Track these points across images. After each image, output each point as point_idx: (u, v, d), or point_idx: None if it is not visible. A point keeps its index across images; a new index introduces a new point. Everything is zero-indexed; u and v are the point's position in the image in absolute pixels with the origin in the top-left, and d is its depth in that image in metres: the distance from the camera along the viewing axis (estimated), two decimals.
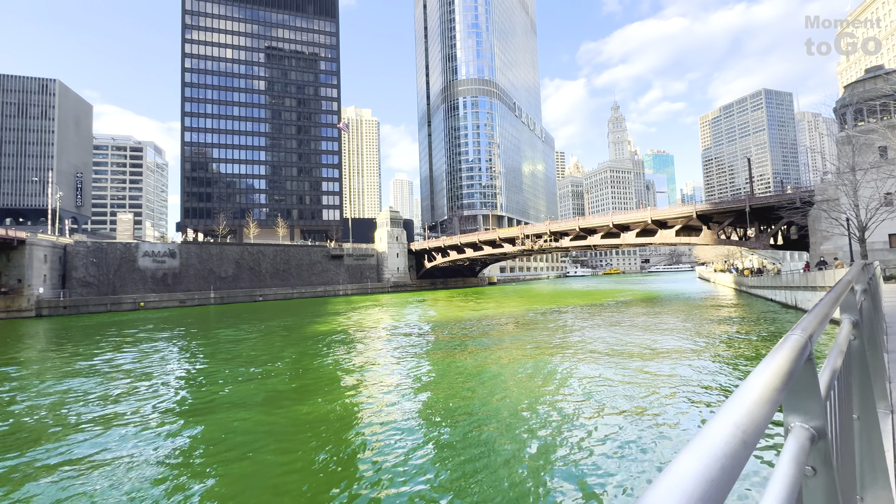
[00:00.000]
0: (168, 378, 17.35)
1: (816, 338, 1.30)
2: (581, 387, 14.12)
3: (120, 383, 16.43)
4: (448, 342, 24.54)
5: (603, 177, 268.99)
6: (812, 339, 1.21)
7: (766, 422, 0.73)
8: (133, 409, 13.02)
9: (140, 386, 15.93)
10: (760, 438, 0.70)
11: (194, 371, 18.82)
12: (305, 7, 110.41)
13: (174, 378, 17.41)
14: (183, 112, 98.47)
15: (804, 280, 27.55)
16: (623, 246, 63.82)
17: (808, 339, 1.17)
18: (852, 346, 2.19)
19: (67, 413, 12.94)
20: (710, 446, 0.61)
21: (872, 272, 9.24)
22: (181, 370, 19.10)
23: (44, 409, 13.55)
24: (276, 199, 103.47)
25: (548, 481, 8.12)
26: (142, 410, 12.95)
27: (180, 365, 20.31)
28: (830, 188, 34.86)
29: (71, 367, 20.10)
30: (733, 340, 21.07)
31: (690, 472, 0.54)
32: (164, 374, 17.96)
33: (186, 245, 66.07)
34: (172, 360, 21.32)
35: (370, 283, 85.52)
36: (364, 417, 12.06)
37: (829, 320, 1.63)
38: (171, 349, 24.90)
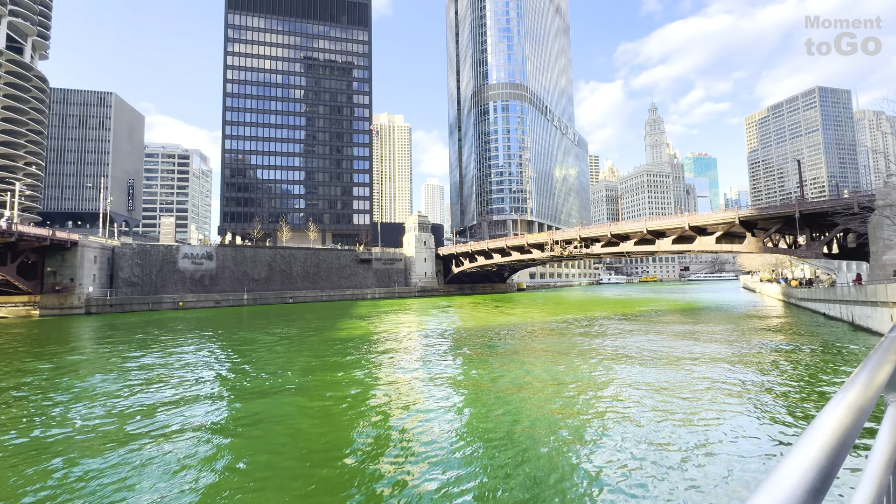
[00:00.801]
0: (186, 388, 17.65)
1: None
2: (603, 424, 13.11)
3: (141, 385, 16.86)
4: (471, 353, 23.86)
5: (639, 181, 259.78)
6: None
7: (874, 399, 0.95)
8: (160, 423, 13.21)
9: (167, 388, 16.28)
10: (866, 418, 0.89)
11: (216, 379, 19.10)
12: (340, 18, 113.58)
13: (193, 387, 17.70)
14: (224, 121, 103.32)
15: (862, 294, 24.92)
16: (658, 253, 60.82)
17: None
18: None
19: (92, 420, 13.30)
20: (829, 423, 0.80)
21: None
22: (205, 377, 19.45)
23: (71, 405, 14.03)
24: (309, 204, 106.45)
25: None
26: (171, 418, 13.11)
27: (203, 372, 20.71)
28: (894, 192, 31.59)
29: (107, 367, 20.96)
30: (783, 372, 19.21)
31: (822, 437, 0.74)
32: (187, 383, 18.31)
33: (222, 248, 68.81)
34: (199, 366, 21.81)
35: (398, 288, 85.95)
36: (389, 443, 11.62)
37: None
38: (202, 353, 25.57)
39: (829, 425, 0.80)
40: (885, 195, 33.14)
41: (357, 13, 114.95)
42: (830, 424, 0.81)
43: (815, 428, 0.78)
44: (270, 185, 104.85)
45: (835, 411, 0.86)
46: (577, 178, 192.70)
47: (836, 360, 18.29)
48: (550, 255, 73.17)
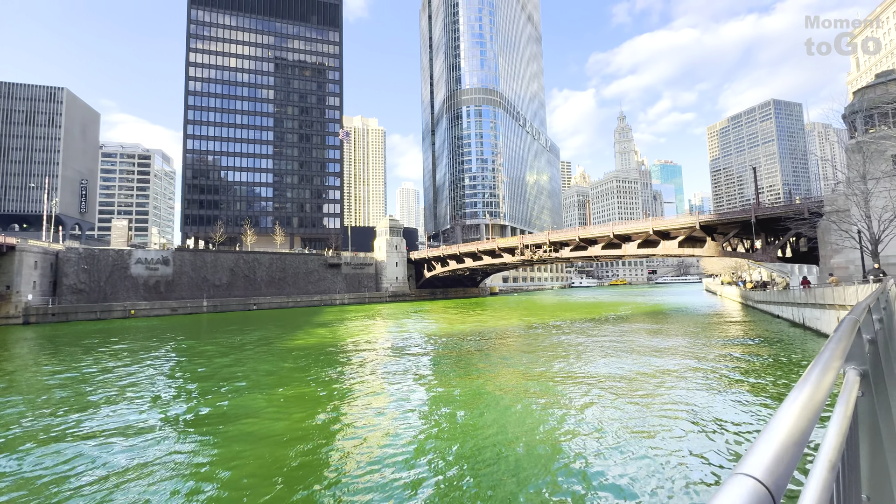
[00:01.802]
0: (111, 403, 16.01)
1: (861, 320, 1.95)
2: (573, 416, 12.53)
3: (54, 407, 15.13)
4: (439, 360, 23.00)
5: (608, 187, 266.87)
6: (859, 321, 1.84)
7: (837, 370, 1.24)
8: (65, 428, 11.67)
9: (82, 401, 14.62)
10: None
11: (150, 399, 17.46)
12: (310, 17, 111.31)
13: (118, 412, 16.06)
14: (186, 120, 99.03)
15: (811, 297, 25.66)
16: (625, 257, 61.93)
17: (856, 321, 1.77)
18: None
19: None
20: (804, 394, 0.98)
21: (887, 296, 7.66)
22: (137, 397, 17.77)
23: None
24: (277, 207, 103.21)
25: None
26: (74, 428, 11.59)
27: (136, 390, 18.99)
28: (840, 198, 32.99)
29: (23, 385, 18.90)
30: (736, 367, 19.30)
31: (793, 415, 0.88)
32: (111, 405, 16.63)
33: (180, 252, 65.42)
34: (131, 383, 20.00)
35: (368, 293, 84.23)
36: (343, 454, 10.59)
37: None
38: (140, 366, 23.62)
39: (801, 399, 0.94)
40: (831, 201, 34.60)
41: (328, 13, 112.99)
42: (802, 398, 0.95)
43: (789, 403, 0.90)
44: (236, 188, 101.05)
45: (804, 386, 1.01)
46: (549, 184, 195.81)
47: (784, 369, 18.51)
48: (521, 260, 73.42)
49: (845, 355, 1.54)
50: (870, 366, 2.28)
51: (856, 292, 17.80)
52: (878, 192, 27.45)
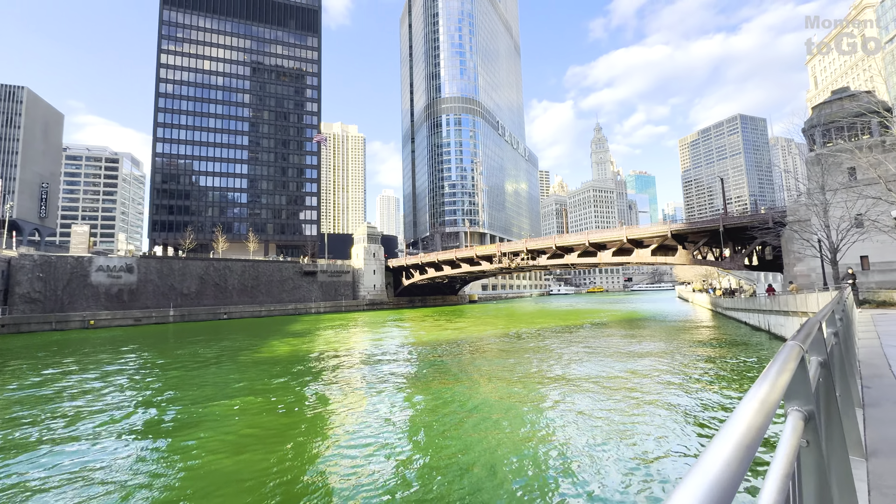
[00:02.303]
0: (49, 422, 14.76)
1: (808, 346, 1.70)
2: (550, 422, 12.17)
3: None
4: (412, 371, 22.37)
5: (586, 196, 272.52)
6: (805, 347, 1.57)
7: (772, 412, 1.01)
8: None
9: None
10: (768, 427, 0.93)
11: (90, 415, 16.22)
12: (288, 22, 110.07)
13: (58, 419, 14.83)
14: (156, 123, 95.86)
15: (775, 304, 26.34)
16: (601, 265, 62.82)
17: (800, 347, 1.53)
18: None
19: None
20: (732, 435, 0.83)
21: (844, 303, 7.65)
22: (76, 413, 16.49)
23: None
24: (251, 214, 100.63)
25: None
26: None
27: (78, 407, 17.66)
28: (802, 209, 34.30)
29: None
30: (704, 373, 19.45)
31: (720, 458, 0.74)
32: (53, 415, 15.35)
33: (146, 259, 62.66)
34: (73, 398, 18.62)
35: (345, 301, 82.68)
36: (316, 468, 9.85)
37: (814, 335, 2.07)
38: (90, 378, 22.11)
39: (733, 435, 0.83)
40: (794, 211, 35.93)
41: (306, 18, 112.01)
42: (734, 434, 0.83)
43: (720, 439, 0.81)
44: (208, 193, 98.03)
45: (736, 422, 0.89)
46: (527, 192, 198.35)
47: (748, 375, 18.76)
48: (499, 267, 73.59)
49: (784, 392, 1.22)
50: (819, 404, 1.90)
51: (816, 299, 18.29)
52: (836, 202, 28.60)
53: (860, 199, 26.15)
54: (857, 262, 30.51)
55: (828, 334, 3.23)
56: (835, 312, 4.95)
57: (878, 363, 6.13)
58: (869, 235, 26.02)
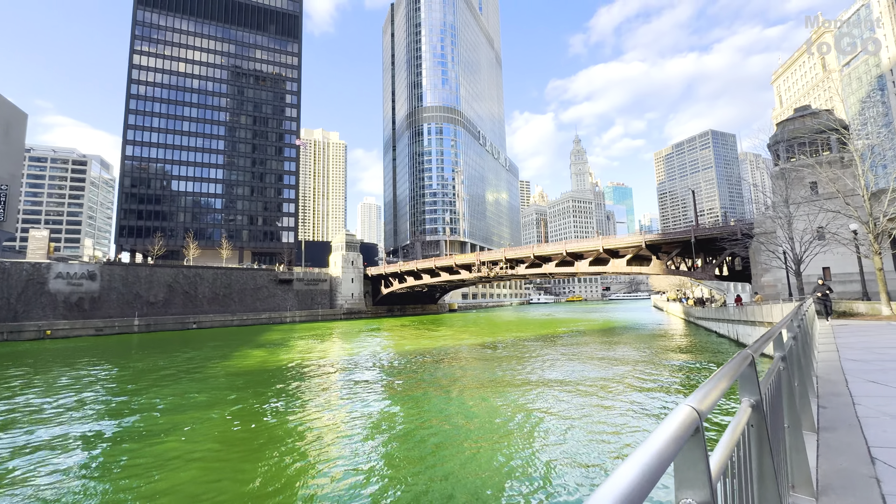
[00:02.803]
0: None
1: (708, 412, 1.26)
2: (526, 437, 11.74)
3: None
4: (386, 382, 21.66)
5: (565, 206, 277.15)
6: (703, 413, 1.21)
7: (719, 397, 1.05)
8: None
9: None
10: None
11: (39, 425, 14.96)
12: (268, 27, 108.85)
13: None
14: (126, 124, 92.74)
15: (742, 314, 26.88)
16: (578, 274, 63.43)
17: (753, 356, 1.43)
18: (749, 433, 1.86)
19: None
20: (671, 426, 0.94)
21: (804, 313, 7.57)
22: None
23: None
24: (226, 220, 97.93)
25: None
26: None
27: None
28: (768, 221, 35.39)
29: None
30: (674, 380, 19.50)
31: None
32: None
33: (109, 266, 59.85)
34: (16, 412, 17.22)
35: (321, 310, 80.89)
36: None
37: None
38: (32, 393, 20.55)
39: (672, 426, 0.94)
40: (760, 224, 37.04)
41: (287, 24, 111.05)
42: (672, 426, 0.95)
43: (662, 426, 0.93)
44: (180, 198, 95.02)
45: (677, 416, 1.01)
46: (508, 202, 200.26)
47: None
48: (478, 276, 73.49)
49: (734, 379, 1.34)
50: (767, 397, 2.07)
51: (781, 310, 18.63)
52: (799, 215, 29.57)
53: (821, 213, 27.08)
54: (820, 272, 31.55)
55: (776, 359, 2.96)
56: (792, 322, 4.76)
57: (835, 379, 5.99)
58: (830, 247, 26.92)
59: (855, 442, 3.60)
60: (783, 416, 2.69)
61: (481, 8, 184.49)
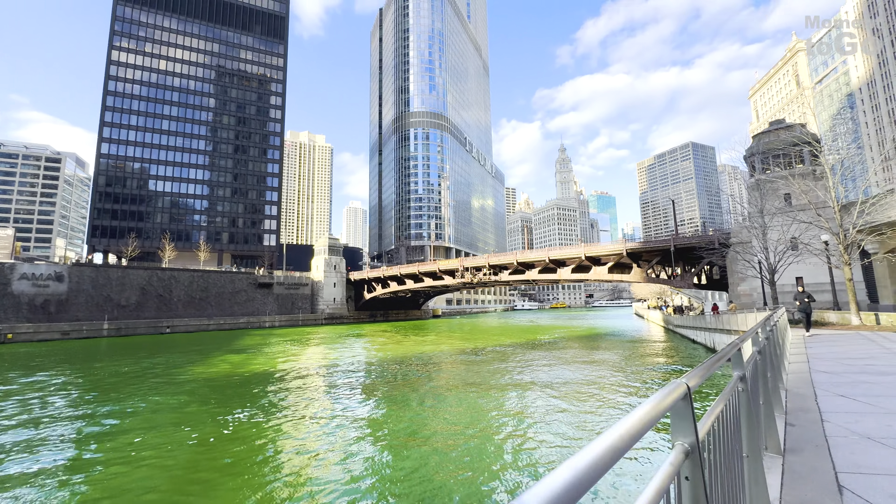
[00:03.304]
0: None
1: (696, 386, 1.62)
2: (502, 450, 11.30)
3: None
4: (357, 392, 20.99)
5: (550, 214, 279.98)
6: (691, 386, 1.54)
7: (643, 432, 1.08)
8: None
9: None
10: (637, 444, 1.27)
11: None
12: (253, 27, 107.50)
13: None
14: (102, 122, 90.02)
15: (719, 323, 27.13)
16: (561, 281, 63.69)
17: (688, 386, 1.51)
18: None
19: None
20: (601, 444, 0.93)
21: (773, 324, 7.39)
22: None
23: None
24: (206, 222, 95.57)
25: None
26: None
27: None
28: (744, 231, 36.04)
29: None
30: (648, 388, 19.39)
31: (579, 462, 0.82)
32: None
33: (79, 267, 57.54)
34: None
35: (301, 315, 79.33)
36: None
37: (709, 375, 1.91)
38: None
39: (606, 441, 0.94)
40: (737, 233, 37.71)
41: (273, 24, 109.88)
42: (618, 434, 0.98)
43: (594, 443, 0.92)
44: (158, 199, 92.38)
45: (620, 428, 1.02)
46: (494, 208, 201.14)
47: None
48: (462, 282, 73.16)
49: (652, 424, 1.20)
50: (716, 431, 1.89)
51: (755, 318, 18.75)
52: (774, 226, 30.13)
53: (794, 224, 27.63)
54: (793, 282, 32.17)
55: (733, 380, 2.64)
56: (759, 334, 4.60)
57: (804, 392, 5.78)
58: (802, 258, 27.44)
59: (822, 466, 3.32)
60: (741, 446, 2.39)
61: (469, 16, 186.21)
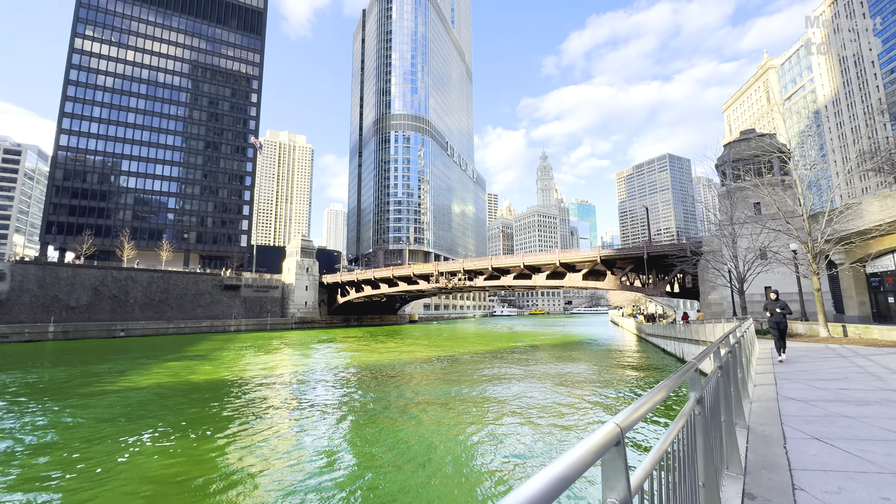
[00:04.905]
0: None
1: (630, 428, 1.42)
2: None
3: None
4: (309, 404, 19.15)
5: (531, 220, 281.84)
6: (624, 429, 1.37)
7: (558, 494, 0.94)
8: None
9: None
10: None
11: None
12: (228, 21, 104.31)
13: None
14: (62, 112, 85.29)
15: (688, 333, 26.44)
16: (536, 287, 62.90)
17: (620, 429, 1.34)
18: None
19: None
20: None
21: (738, 337, 6.20)
22: None
23: None
24: (173, 220, 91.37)
25: None
26: None
27: None
28: (715, 240, 35.79)
29: None
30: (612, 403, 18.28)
31: None
32: None
33: (23, 265, 53.51)
34: None
35: (270, 319, 76.28)
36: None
37: (647, 414, 1.69)
38: None
39: None
40: (708, 242, 37.48)
41: (250, 19, 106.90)
42: None
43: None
44: (121, 195, 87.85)
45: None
46: (474, 214, 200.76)
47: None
48: (437, 287, 71.66)
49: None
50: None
51: (722, 328, 17.95)
52: (743, 234, 29.79)
53: (764, 232, 27.28)
54: (762, 291, 31.93)
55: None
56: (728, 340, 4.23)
57: (770, 432, 4.51)
58: (771, 267, 27.07)
59: None
60: (695, 479, 2.18)
61: (454, 21, 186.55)
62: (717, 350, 3.81)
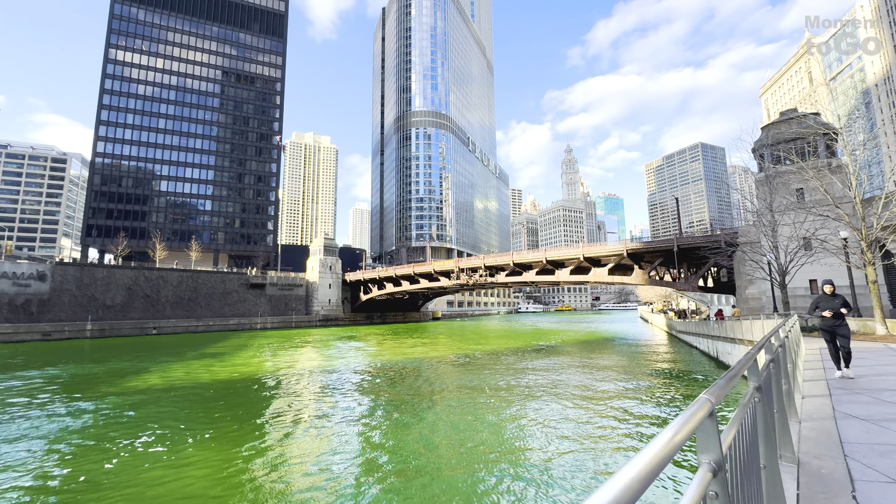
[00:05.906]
0: None
1: (720, 399, 1.66)
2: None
3: None
4: (331, 403, 18.79)
5: (556, 215, 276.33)
6: (715, 402, 1.58)
7: (673, 453, 1.11)
8: None
9: None
10: None
11: None
12: (251, 25, 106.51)
13: None
14: (98, 120, 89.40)
15: (722, 330, 24.48)
16: (560, 283, 61.01)
17: (711, 402, 1.55)
18: None
19: None
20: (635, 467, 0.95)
21: (782, 339, 5.03)
22: None
23: None
24: (202, 222, 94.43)
25: None
26: None
27: None
28: (752, 230, 33.32)
29: None
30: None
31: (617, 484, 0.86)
32: None
33: (62, 266, 56.24)
34: None
35: (295, 316, 77.54)
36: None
37: (730, 387, 1.94)
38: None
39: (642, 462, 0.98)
40: (745, 232, 34.94)
41: (272, 23, 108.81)
42: (643, 462, 0.99)
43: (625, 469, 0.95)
44: (154, 198, 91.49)
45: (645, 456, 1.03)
46: (497, 210, 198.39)
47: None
48: (458, 283, 70.80)
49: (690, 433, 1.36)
50: (727, 455, 1.89)
51: (762, 326, 16.23)
52: (784, 223, 27.39)
53: (808, 220, 24.94)
54: (806, 285, 29.40)
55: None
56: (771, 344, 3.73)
57: (830, 471, 3.38)
58: (817, 258, 24.70)
59: None
60: (758, 457, 2.26)
61: (473, 15, 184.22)
62: (753, 363, 2.75)
